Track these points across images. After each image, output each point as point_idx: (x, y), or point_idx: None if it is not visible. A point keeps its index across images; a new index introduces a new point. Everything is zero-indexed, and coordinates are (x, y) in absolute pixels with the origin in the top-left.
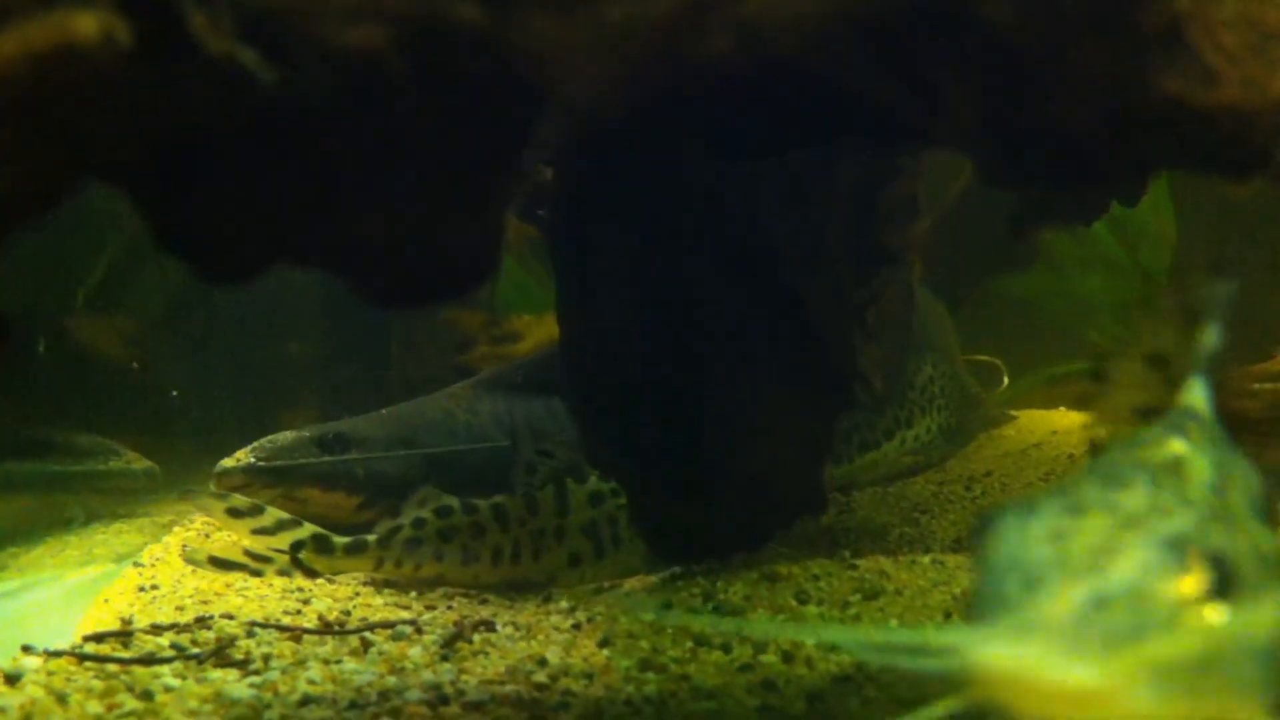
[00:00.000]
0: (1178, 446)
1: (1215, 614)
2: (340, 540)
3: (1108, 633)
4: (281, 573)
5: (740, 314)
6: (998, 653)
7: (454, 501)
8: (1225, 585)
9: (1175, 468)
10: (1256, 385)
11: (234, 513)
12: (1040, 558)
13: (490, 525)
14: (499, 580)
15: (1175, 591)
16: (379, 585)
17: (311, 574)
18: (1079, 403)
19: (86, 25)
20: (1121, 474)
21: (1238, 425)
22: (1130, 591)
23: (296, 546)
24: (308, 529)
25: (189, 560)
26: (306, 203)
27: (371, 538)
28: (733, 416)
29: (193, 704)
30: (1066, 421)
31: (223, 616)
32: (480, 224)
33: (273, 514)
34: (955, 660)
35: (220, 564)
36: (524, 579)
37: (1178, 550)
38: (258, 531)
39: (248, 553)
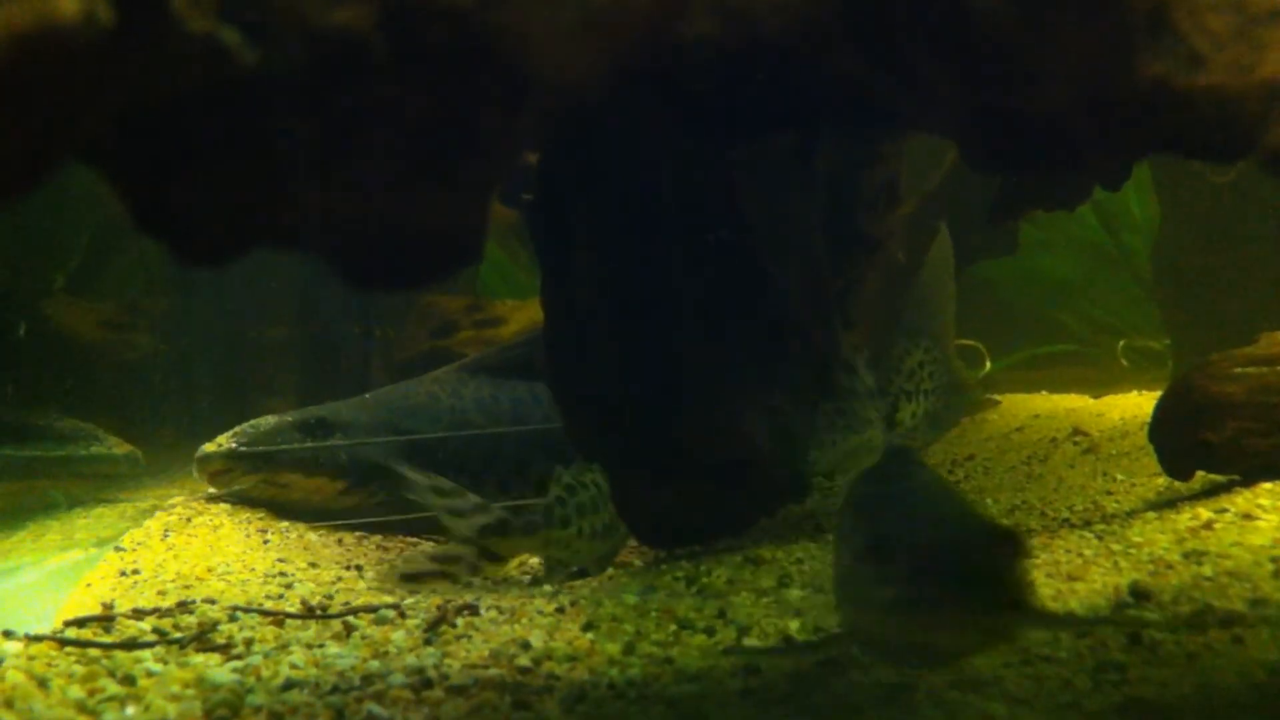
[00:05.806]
0: None
1: None
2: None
3: None
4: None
5: (721, 299)
6: None
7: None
8: None
9: None
10: (1239, 369)
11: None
12: None
13: (602, 500)
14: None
15: None
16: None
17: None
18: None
19: (68, 5)
20: None
21: (1221, 409)
22: None
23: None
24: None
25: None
26: (283, 183)
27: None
28: (714, 402)
29: (175, 688)
30: (1048, 405)
31: (205, 601)
32: (462, 208)
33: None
34: None
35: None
36: (611, 552)
37: None
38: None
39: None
